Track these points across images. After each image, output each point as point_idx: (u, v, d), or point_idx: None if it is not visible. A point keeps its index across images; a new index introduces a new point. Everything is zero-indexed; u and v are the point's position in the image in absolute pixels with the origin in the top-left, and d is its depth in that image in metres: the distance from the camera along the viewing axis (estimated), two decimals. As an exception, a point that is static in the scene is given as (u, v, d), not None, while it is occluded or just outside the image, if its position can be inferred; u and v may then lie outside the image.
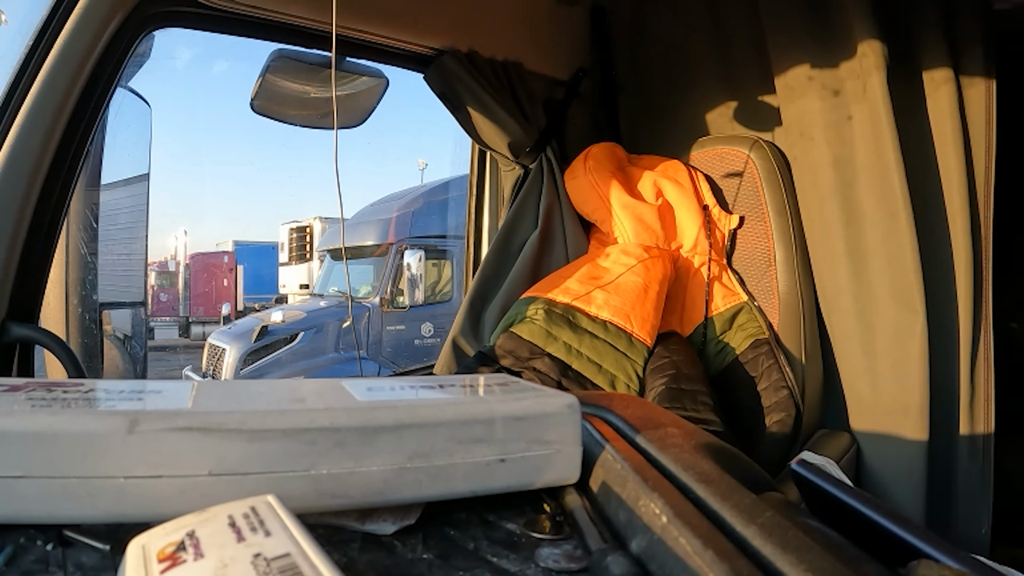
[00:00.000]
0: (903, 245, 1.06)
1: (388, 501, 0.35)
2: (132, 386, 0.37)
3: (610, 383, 1.10)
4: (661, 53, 1.46)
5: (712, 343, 1.25)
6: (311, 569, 0.22)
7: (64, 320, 1.02)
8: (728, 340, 1.25)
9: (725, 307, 1.26)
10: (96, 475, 0.30)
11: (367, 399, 0.37)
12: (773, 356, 1.20)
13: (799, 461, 0.41)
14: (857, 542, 0.32)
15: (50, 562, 0.30)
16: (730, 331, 1.26)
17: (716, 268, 1.27)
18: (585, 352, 1.12)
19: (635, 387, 1.10)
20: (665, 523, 0.31)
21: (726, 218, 1.28)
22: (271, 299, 10.97)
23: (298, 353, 5.19)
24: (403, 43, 1.22)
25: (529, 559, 0.33)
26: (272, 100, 1.22)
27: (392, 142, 30.32)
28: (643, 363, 1.12)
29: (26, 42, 0.78)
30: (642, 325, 1.15)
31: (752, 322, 1.23)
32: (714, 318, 1.26)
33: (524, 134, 1.29)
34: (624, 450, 0.40)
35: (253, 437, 0.32)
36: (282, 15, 1.04)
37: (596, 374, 1.10)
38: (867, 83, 1.07)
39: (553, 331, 1.13)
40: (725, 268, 1.29)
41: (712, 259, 1.26)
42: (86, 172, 0.96)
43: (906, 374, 1.08)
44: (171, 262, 12.92)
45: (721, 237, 1.28)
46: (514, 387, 0.43)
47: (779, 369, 1.18)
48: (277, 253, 11.06)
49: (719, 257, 1.28)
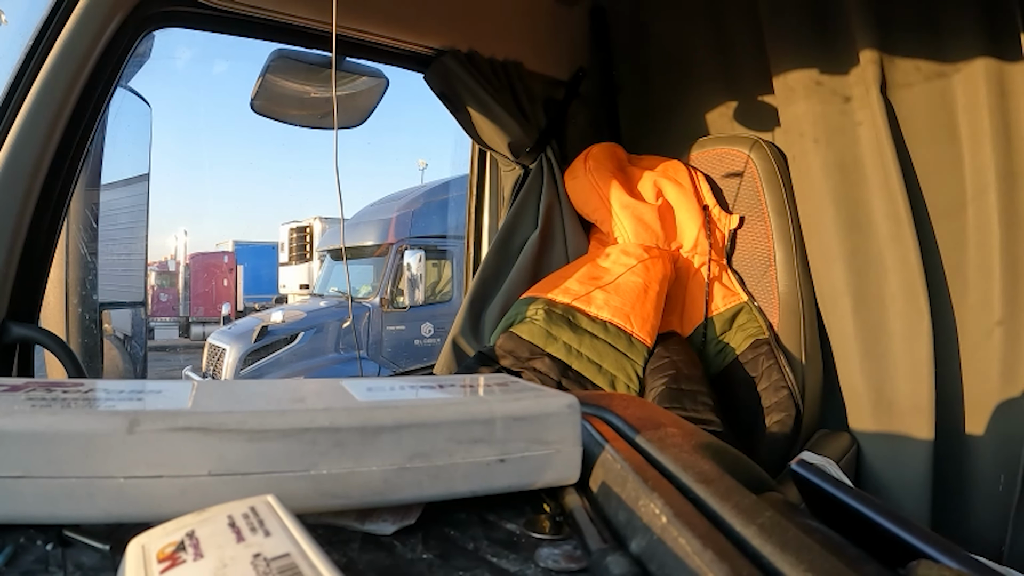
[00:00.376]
0: (908, 246, 1.06)
1: (388, 501, 0.35)
2: (132, 386, 0.37)
3: (610, 383, 1.10)
4: (661, 53, 1.46)
5: (712, 343, 1.25)
6: (311, 569, 0.22)
7: (64, 320, 1.02)
8: (728, 340, 1.25)
9: (725, 307, 1.26)
10: (96, 475, 0.30)
11: (367, 399, 0.37)
12: (773, 356, 1.19)
13: (799, 461, 0.41)
14: (857, 542, 0.32)
15: (50, 562, 0.30)
16: (730, 331, 1.25)
17: (716, 268, 1.27)
18: (585, 352, 1.11)
19: (635, 387, 1.10)
20: (665, 523, 0.31)
21: (726, 218, 1.28)
22: (271, 299, 10.96)
23: (298, 353, 5.19)
24: (403, 43, 1.22)
25: (529, 559, 0.33)
26: (272, 100, 1.22)
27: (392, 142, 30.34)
28: (643, 363, 1.12)
29: (26, 42, 0.78)
30: (642, 325, 1.15)
31: (752, 322, 1.23)
32: (714, 318, 1.26)
33: (524, 134, 1.29)
34: (624, 450, 0.40)
35: (253, 437, 0.32)
36: (282, 15, 1.04)
37: (596, 374, 1.10)
38: (870, 85, 1.07)
39: (553, 331, 1.12)
40: (725, 268, 1.29)
41: (712, 259, 1.26)
42: (86, 172, 0.96)
43: (912, 374, 1.08)
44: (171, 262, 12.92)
45: (721, 237, 1.28)
46: (514, 387, 0.43)
47: (779, 369, 1.18)
48: (277, 253, 11.06)
49: (719, 257, 1.28)
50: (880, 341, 1.12)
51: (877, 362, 1.13)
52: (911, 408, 1.09)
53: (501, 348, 1.13)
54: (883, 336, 1.11)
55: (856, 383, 1.16)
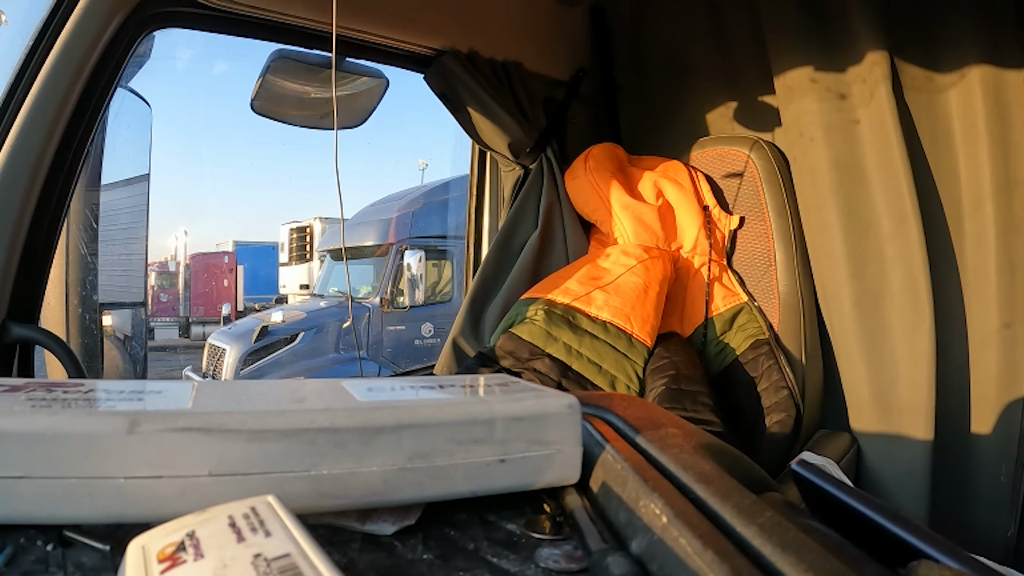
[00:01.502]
0: (909, 246, 1.06)
1: (388, 501, 0.35)
2: (132, 386, 0.37)
3: (610, 384, 1.10)
4: (661, 53, 1.46)
5: (712, 344, 1.25)
6: (311, 569, 0.22)
7: (64, 320, 1.02)
8: (728, 340, 1.25)
9: (725, 307, 1.26)
10: (96, 475, 0.30)
11: (367, 399, 0.37)
12: (773, 356, 1.19)
13: (799, 461, 0.41)
14: (857, 542, 0.32)
15: (50, 562, 0.30)
16: (730, 331, 1.25)
17: (716, 268, 1.27)
18: (585, 353, 1.11)
19: (635, 388, 1.10)
20: (665, 523, 0.31)
21: (726, 219, 1.28)
22: (271, 299, 10.96)
23: (298, 353, 5.19)
24: (403, 43, 1.22)
25: (529, 559, 0.33)
26: (272, 100, 1.22)
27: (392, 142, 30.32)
28: (643, 364, 1.12)
29: (26, 42, 0.78)
30: (642, 326, 1.15)
31: (752, 322, 1.23)
32: (714, 318, 1.26)
33: (524, 134, 1.29)
34: (624, 451, 0.40)
35: (253, 437, 0.32)
36: (282, 15, 1.04)
37: (596, 375, 1.10)
38: (873, 85, 1.07)
39: (553, 332, 1.12)
40: (725, 268, 1.29)
41: (712, 259, 1.26)
42: (86, 172, 0.96)
43: (913, 374, 1.08)
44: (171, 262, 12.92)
45: (721, 237, 1.28)
46: (514, 387, 0.43)
47: (779, 369, 1.18)
48: (277, 253, 11.06)
49: (719, 257, 1.28)
50: (880, 341, 1.12)
51: (877, 362, 1.13)
52: (911, 408, 1.09)
53: (501, 349, 1.13)
54: (883, 336, 1.11)
55: (856, 383, 1.16)
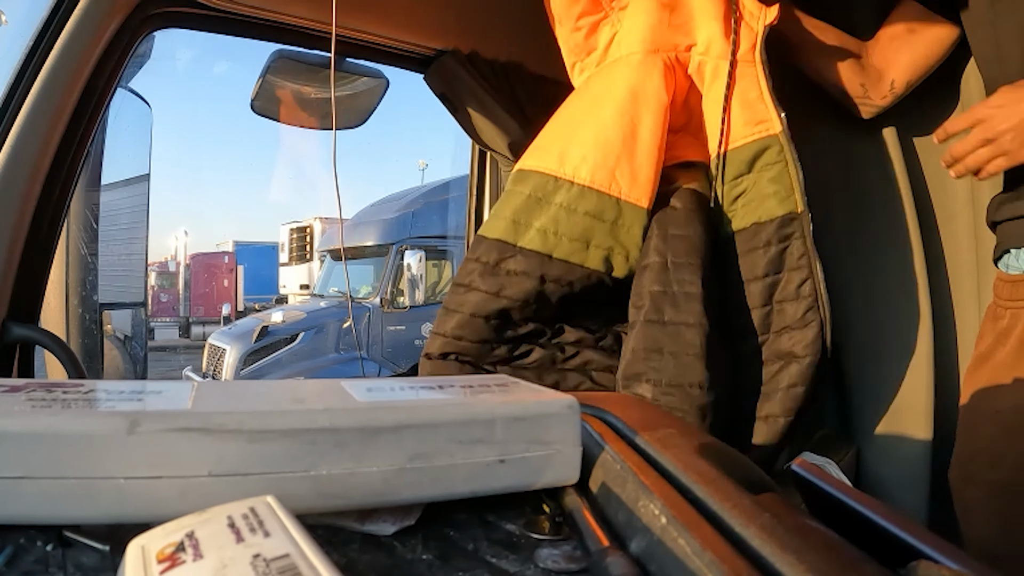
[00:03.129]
0: (909, 245, 1.06)
1: (388, 502, 0.35)
2: (132, 387, 0.37)
3: (604, 260, 0.88)
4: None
5: (728, 197, 0.90)
6: (311, 570, 0.22)
7: (64, 320, 1.02)
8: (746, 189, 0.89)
9: (746, 139, 0.87)
10: (96, 475, 0.30)
11: (367, 400, 0.37)
12: (805, 251, 0.85)
13: (799, 462, 0.41)
14: (857, 542, 0.32)
15: (50, 562, 0.30)
16: (749, 175, 0.88)
17: (746, 81, 0.87)
18: (563, 231, 0.86)
19: (635, 259, 0.88)
20: (664, 524, 0.31)
21: (760, 10, 0.88)
22: (271, 299, 10.98)
23: (298, 354, 5.20)
24: (403, 44, 1.22)
25: (529, 560, 0.33)
26: (272, 101, 1.22)
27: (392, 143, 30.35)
28: (643, 229, 0.87)
29: (26, 42, 0.78)
30: (632, 181, 0.86)
31: (784, 175, 0.86)
32: (729, 154, 0.89)
33: (524, 134, 1.29)
34: (623, 451, 0.40)
35: (253, 438, 0.32)
36: (282, 16, 1.05)
37: (583, 253, 0.87)
38: None
39: (521, 218, 0.87)
40: (756, 80, 0.87)
41: (738, 64, 0.87)
42: (86, 172, 0.96)
43: (913, 374, 1.08)
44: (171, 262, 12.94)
45: (752, 36, 0.88)
46: (514, 387, 0.43)
47: (812, 281, 0.87)
48: (277, 253, 11.08)
49: (749, 63, 0.88)
50: (880, 340, 1.12)
51: (877, 362, 1.13)
52: (911, 408, 1.09)
53: (466, 260, 0.91)
54: (883, 335, 1.11)
55: (856, 383, 1.16)
